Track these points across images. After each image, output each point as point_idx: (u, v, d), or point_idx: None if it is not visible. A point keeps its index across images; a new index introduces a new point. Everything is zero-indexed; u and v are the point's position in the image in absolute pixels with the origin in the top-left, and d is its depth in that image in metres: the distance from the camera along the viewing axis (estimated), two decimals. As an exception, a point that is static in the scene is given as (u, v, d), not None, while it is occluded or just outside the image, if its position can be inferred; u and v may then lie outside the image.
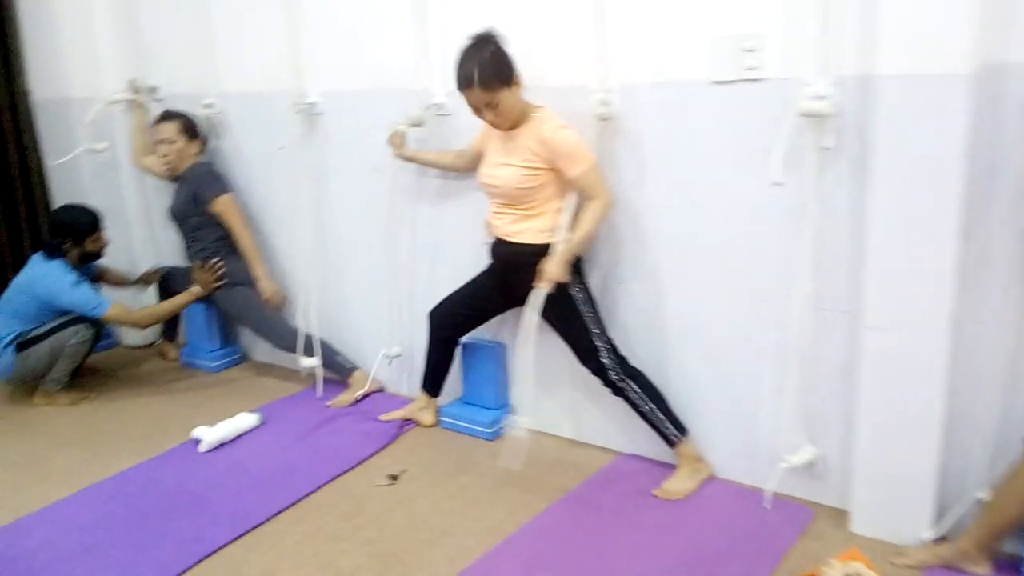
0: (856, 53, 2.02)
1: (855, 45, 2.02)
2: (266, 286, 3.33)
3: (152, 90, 3.72)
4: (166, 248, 3.96)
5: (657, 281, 2.52)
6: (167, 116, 3.39)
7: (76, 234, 3.26)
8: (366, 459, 2.77)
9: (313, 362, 3.21)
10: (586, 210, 2.38)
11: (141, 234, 3.99)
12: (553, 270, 2.37)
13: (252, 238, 3.36)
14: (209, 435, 2.88)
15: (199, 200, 3.35)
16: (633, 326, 2.61)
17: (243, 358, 3.81)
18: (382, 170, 2.95)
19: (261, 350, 3.77)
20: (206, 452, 2.85)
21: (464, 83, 2.37)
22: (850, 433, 2.26)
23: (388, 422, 2.99)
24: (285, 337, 3.30)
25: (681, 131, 2.35)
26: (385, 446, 2.85)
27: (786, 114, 2.14)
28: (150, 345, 4.03)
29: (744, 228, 2.31)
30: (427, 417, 3.03)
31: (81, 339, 3.26)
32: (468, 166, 2.76)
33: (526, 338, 2.41)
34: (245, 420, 3.01)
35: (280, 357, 3.63)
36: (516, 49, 2.40)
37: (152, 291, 3.78)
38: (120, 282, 3.72)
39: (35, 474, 2.77)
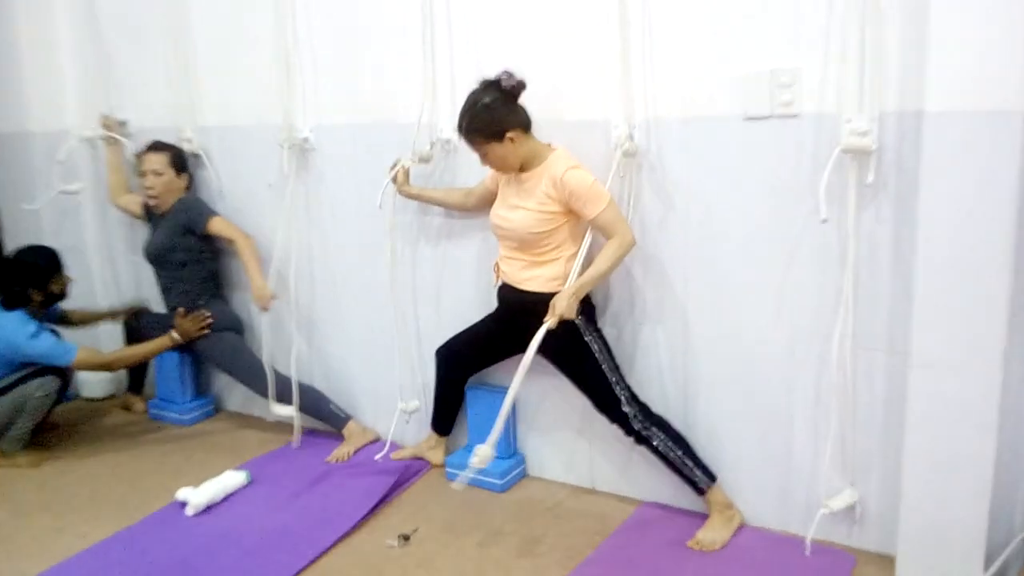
0: (898, 89, 2.00)
1: (897, 81, 2.00)
2: (260, 286, 2.98)
3: (122, 124, 3.50)
4: (130, 291, 3.70)
5: (683, 322, 2.43)
6: (156, 147, 3.18)
7: (38, 277, 3.01)
8: (371, 516, 2.58)
9: (287, 411, 2.99)
10: (605, 247, 2.28)
11: (103, 276, 3.73)
12: (561, 305, 2.25)
13: (255, 246, 3.12)
14: (195, 497, 2.64)
15: (193, 228, 3.14)
16: (656, 369, 2.51)
17: (216, 409, 3.56)
18: (383, 208, 2.79)
19: (235, 399, 3.54)
20: (193, 516, 2.61)
21: (457, 130, 2.38)
22: (893, 475, 2.19)
23: (389, 470, 2.82)
24: (278, 386, 3.07)
25: (711, 168, 2.29)
26: (389, 500, 2.67)
27: (826, 150, 2.10)
28: (111, 396, 3.74)
29: (780, 266, 2.25)
30: (437, 456, 2.90)
31: (45, 392, 2.98)
32: (476, 206, 2.66)
33: (520, 371, 2.28)
34: (232, 479, 2.78)
35: (257, 407, 3.41)
36: (533, 81, 2.32)
37: (117, 332, 3.51)
38: (86, 320, 3.43)
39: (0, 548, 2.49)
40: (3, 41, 3.54)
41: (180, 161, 3.18)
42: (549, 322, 2.24)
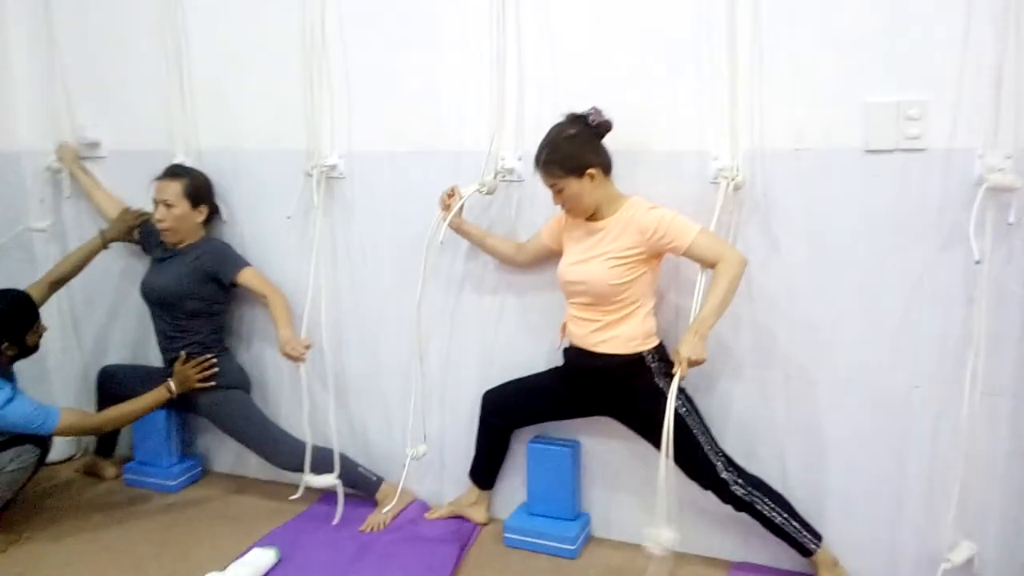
0: (1034, 124, 1.93)
1: (1033, 116, 1.93)
2: (289, 336, 2.60)
3: (92, 145, 3.04)
4: (91, 343, 3.22)
5: (788, 369, 2.27)
6: (170, 173, 2.75)
7: (14, 329, 2.52)
8: (439, 596, 2.26)
9: (329, 481, 2.61)
10: (715, 275, 2.08)
11: (59, 323, 3.22)
12: (687, 349, 2.01)
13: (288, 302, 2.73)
14: (226, 584, 2.25)
15: (219, 277, 2.73)
16: (755, 420, 2.33)
17: (203, 471, 3.11)
18: (442, 244, 2.49)
19: (225, 459, 3.11)
20: (228, 607, 2.22)
21: (534, 162, 2.20)
22: (1012, 526, 2.11)
23: (444, 538, 2.51)
24: (292, 454, 2.69)
25: (824, 203, 2.15)
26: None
27: (955, 186, 2.01)
28: (69, 459, 3.22)
29: (898, 309, 2.13)
30: (479, 514, 2.64)
31: (22, 464, 2.49)
32: (526, 262, 2.46)
33: (667, 442, 2.04)
34: (262, 558, 2.39)
35: (251, 467, 3.01)
36: (616, 106, 2.16)
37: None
38: (73, 271, 2.88)
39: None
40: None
41: (197, 191, 2.75)
42: (679, 372, 2.01)
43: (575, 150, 2.14)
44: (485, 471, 2.62)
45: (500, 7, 2.37)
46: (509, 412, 2.52)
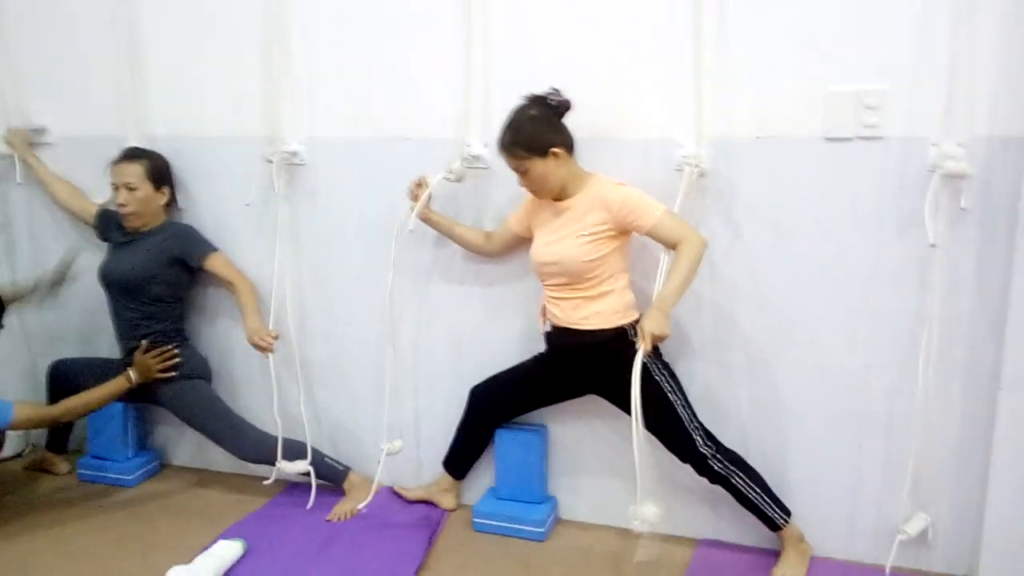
0: (988, 114, 2.01)
1: (987, 106, 2.01)
2: (257, 326, 2.59)
3: (39, 131, 2.93)
4: (39, 335, 3.11)
5: (750, 351, 2.33)
6: (129, 155, 2.66)
7: None
8: (411, 582, 2.27)
9: (301, 467, 2.60)
10: (677, 254, 2.12)
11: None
12: (651, 324, 2.03)
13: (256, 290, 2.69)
14: (193, 576, 2.21)
15: (186, 260, 2.66)
16: (717, 400, 2.39)
17: (161, 465, 3.05)
18: (412, 231, 2.48)
19: (183, 452, 3.05)
20: (195, 601, 2.18)
21: (498, 145, 2.20)
22: (965, 498, 2.21)
23: (413, 523, 2.53)
24: (258, 445, 2.65)
25: (786, 190, 2.21)
26: (423, 563, 2.35)
27: (912, 174, 2.09)
28: (18, 456, 3.11)
29: (856, 292, 2.20)
30: (449, 500, 2.65)
31: (-28, 461, 2.41)
32: (496, 250, 2.46)
33: (636, 421, 2.07)
34: (228, 550, 2.35)
35: (211, 460, 2.96)
36: (581, 94, 2.19)
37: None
38: (16, 296, 2.79)
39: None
40: None
41: (159, 172, 2.67)
42: (642, 347, 2.04)
43: (538, 130, 2.15)
44: (461, 463, 2.63)
45: (466, -7, 2.37)
46: (500, 406, 2.53)
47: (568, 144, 2.20)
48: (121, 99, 2.80)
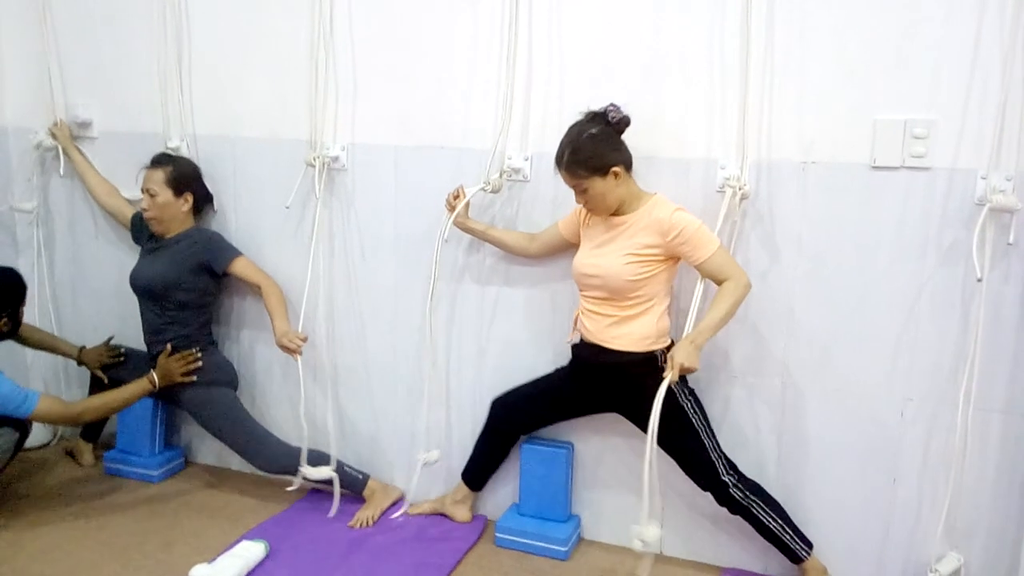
0: (1035, 148, 1.99)
1: (1035, 140, 1.99)
2: (285, 329, 2.58)
3: (83, 125, 2.98)
4: (73, 329, 3.15)
5: (782, 380, 2.30)
6: (154, 162, 2.70)
7: (12, 302, 2.47)
8: (430, 596, 2.25)
9: (326, 473, 2.59)
10: (720, 291, 2.10)
11: (40, 311, 3.14)
12: (682, 355, 2.02)
13: (282, 292, 2.71)
14: (215, 576, 2.21)
15: (211, 266, 2.68)
16: (747, 426, 2.36)
17: (186, 462, 3.06)
18: (447, 241, 2.49)
19: (209, 451, 3.06)
20: (216, 600, 2.18)
21: (555, 163, 2.17)
22: (998, 538, 2.16)
23: (437, 537, 2.51)
24: (277, 457, 2.65)
25: (829, 217, 2.18)
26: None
27: (957, 205, 2.06)
28: (45, 446, 3.14)
29: (896, 324, 2.17)
30: (462, 513, 2.63)
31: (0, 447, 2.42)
32: (540, 252, 2.44)
33: (651, 443, 2.03)
34: (251, 551, 2.35)
35: (236, 459, 2.96)
36: (631, 113, 2.16)
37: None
38: (42, 344, 2.87)
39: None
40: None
41: (180, 179, 2.69)
42: (669, 376, 2.03)
43: (598, 149, 2.12)
44: (481, 474, 2.61)
45: (512, 6, 2.37)
46: (520, 419, 2.51)
47: (628, 162, 2.18)
48: (165, 97, 2.85)
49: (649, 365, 2.19)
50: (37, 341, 2.85)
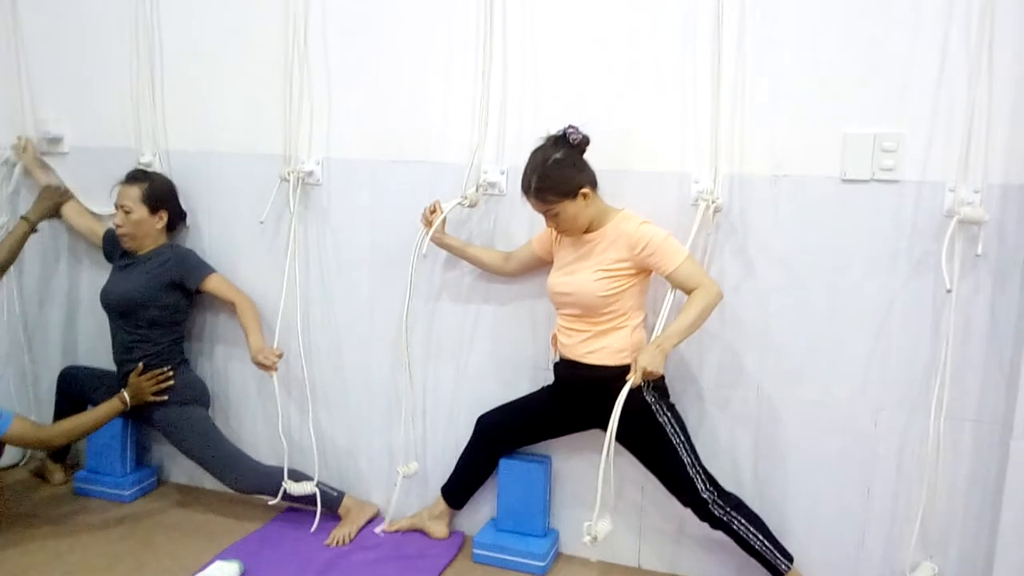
0: (1004, 161, 2.02)
1: (1004, 153, 2.02)
2: (260, 345, 2.56)
3: (55, 141, 2.94)
4: (43, 346, 3.11)
5: (757, 392, 2.31)
6: (129, 178, 2.67)
7: None
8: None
9: (307, 488, 2.56)
10: (690, 299, 2.11)
11: (8, 326, 3.09)
12: (645, 359, 2.02)
13: (257, 308, 2.68)
14: (186, 597, 2.18)
15: (183, 283, 2.65)
16: (721, 440, 2.37)
17: (158, 481, 3.01)
18: (425, 255, 2.50)
19: (181, 470, 3.01)
20: (188, 621, 2.14)
21: (522, 190, 2.18)
22: (972, 547, 2.18)
23: (417, 555, 2.49)
24: (249, 476, 2.62)
25: (800, 229, 2.21)
26: (421, 592, 2.32)
27: (926, 218, 2.10)
28: (14, 466, 3.08)
29: (868, 335, 2.19)
30: (439, 528, 2.60)
31: (-31, 469, 2.38)
32: (515, 271, 2.45)
33: (607, 446, 2.06)
34: (225, 572, 2.32)
35: (210, 480, 2.91)
36: (598, 126, 2.18)
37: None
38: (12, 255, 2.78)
39: None
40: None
41: (156, 196, 2.66)
42: (631, 379, 2.03)
43: (564, 173, 2.13)
44: (462, 491, 2.59)
45: (487, 22, 2.38)
46: (505, 437, 2.49)
47: (594, 182, 2.19)
48: (138, 112, 2.82)
49: (624, 380, 2.20)
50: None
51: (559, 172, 2.13)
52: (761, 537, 2.22)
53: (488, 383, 2.56)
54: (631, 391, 2.08)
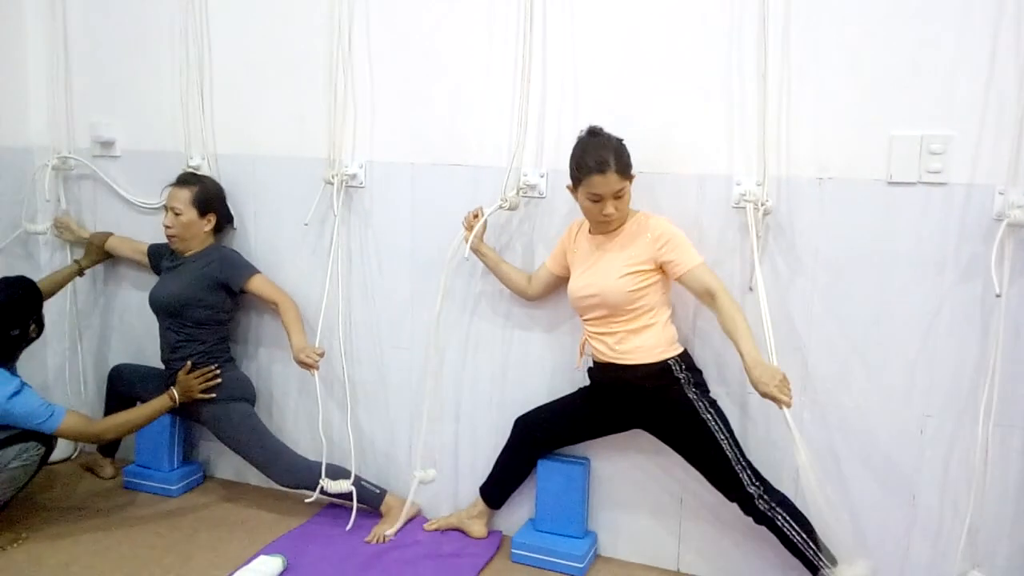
0: (1055, 163, 1.98)
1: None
2: (303, 344, 2.61)
3: (107, 144, 3.03)
4: (93, 347, 3.20)
5: (802, 392, 2.29)
6: (181, 181, 2.74)
7: (33, 309, 2.52)
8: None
9: (344, 486, 2.61)
10: (728, 309, 2.10)
11: (59, 326, 3.19)
12: (769, 375, 2.01)
13: (298, 309, 2.73)
14: (232, 590, 2.22)
15: (228, 284, 2.72)
16: (764, 441, 2.35)
17: (204, 477, 3.08)
18: (468, 259, 2.52)
19: (227, 466, 3.08)
20: (234, 614, 2.19)
21: (597, 168, 2.14)
22: (1021, 555, 2.13)
23: (455, 553, 2.51)
24: (294, 471, 2.67)
25: (846, 232, 2.19)
26: (461, 591, 2.34)
27: (975, 221, 2.06)
28: (67, 459, 3.17)
29: (915, 338, 2.16)
30: (478, 528, 2.62)
31: (25, 461, 2.46)
32: (537, 293, 2.48)
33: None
34: (268, 566, 2.36)
35: (254, 475, 2.97)
36: (637, 129, 2.23)
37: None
38: (53, 288, 2.94)
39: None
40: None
41: (205, 200, 2.73)
42: (784, 405, 2.02)
43: (628, 154, 2.18)
44: (501, 491, 2.61)
45: (527, 25, 2.40)
46: (543, 437, 2.50)
47: None
48: (187, 117, 2.89)
49: (665, 375, 2.21)
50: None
51: (628, 153, 2.17)
52: (804, 536, 2.19)
53: (527, 384, 2.57)
54: (669, 388, 2.13)
